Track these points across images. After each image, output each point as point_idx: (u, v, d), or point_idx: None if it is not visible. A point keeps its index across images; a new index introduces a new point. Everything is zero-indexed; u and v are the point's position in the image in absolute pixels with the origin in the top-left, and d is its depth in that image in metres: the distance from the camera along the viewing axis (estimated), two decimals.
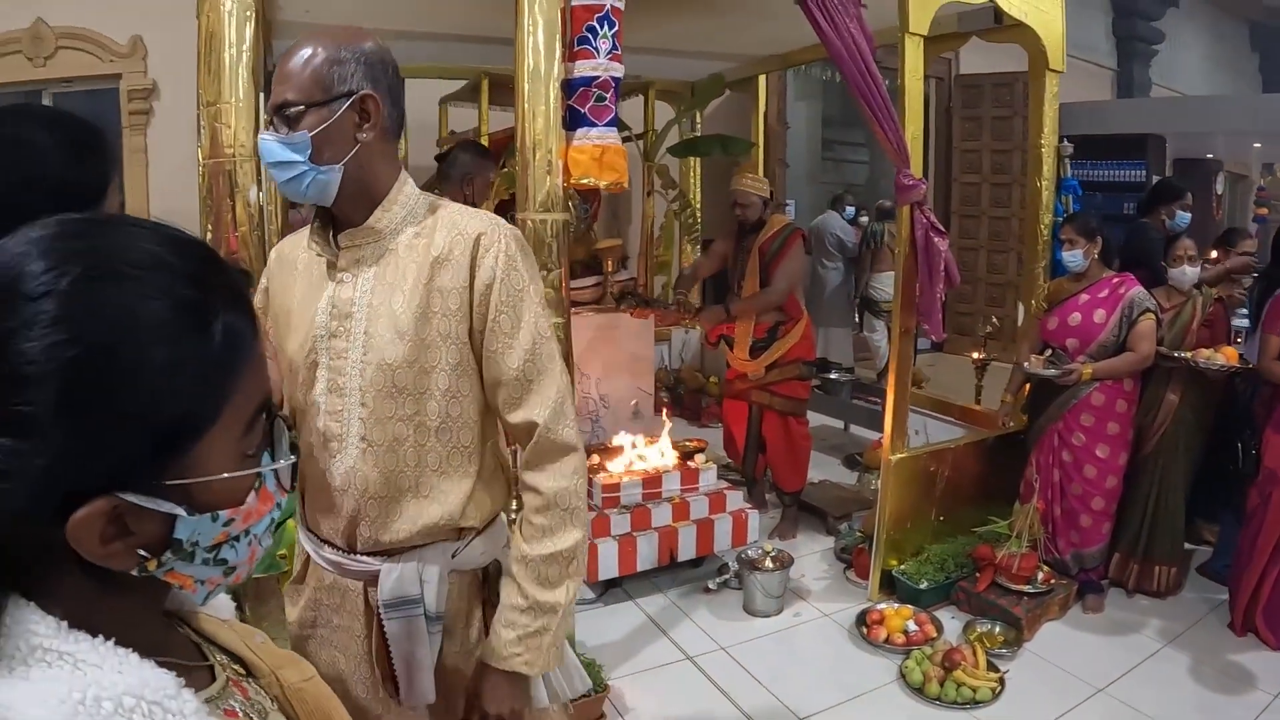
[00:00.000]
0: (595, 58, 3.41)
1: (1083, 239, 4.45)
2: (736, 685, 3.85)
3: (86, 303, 0.70)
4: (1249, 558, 4.22)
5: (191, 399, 0.75)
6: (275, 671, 0.98)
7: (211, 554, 0.81)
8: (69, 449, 0.69)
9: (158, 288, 0.73)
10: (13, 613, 0.73)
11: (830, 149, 11.88)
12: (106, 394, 0.70)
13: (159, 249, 0.77)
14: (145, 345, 0.71)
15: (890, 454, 4.49)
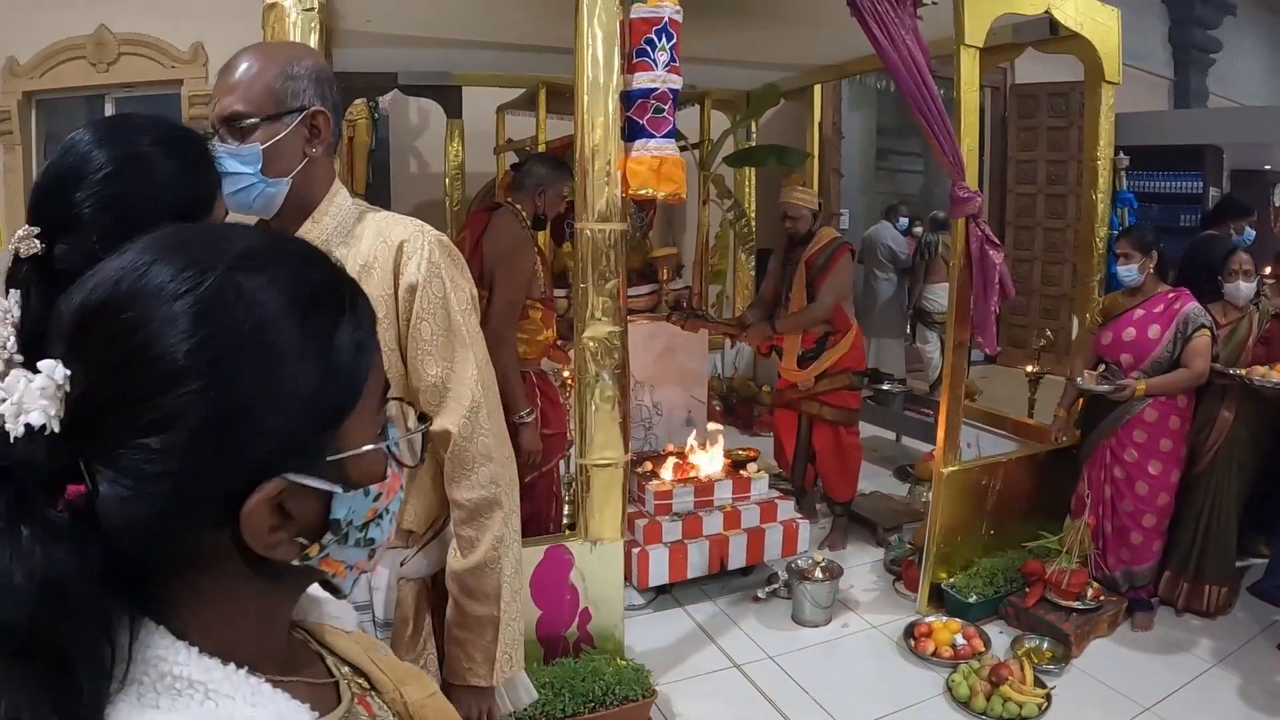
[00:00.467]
0: (654, 70, 3.44)
1: (1138, 253, 4.39)
2: (783, 694, 3.87)
3: (231, 294, 0.71)
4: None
5: (344, 375, 0.77)
6: (399, 687, 0.99)
7: (362, 533, 0.82)
8: (231, 438, 0.70)
9: (295, 275, 0.76)
10: (143, 637, 0.73)
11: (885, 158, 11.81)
12: (261, 381, 0.71)
13: (280, 241, 0.80)
14: (297, 327, 0.73)
15: (942, 467, 4.47)
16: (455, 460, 1.86)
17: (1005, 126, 10.24)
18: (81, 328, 0.70)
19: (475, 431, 1.85)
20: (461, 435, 1.84)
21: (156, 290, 0.69)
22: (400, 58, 5.81)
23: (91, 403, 0.68)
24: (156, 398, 0.67)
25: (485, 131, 6.80)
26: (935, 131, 4.16)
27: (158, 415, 0.67)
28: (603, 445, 3.52)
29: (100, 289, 0.71)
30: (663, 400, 5.49)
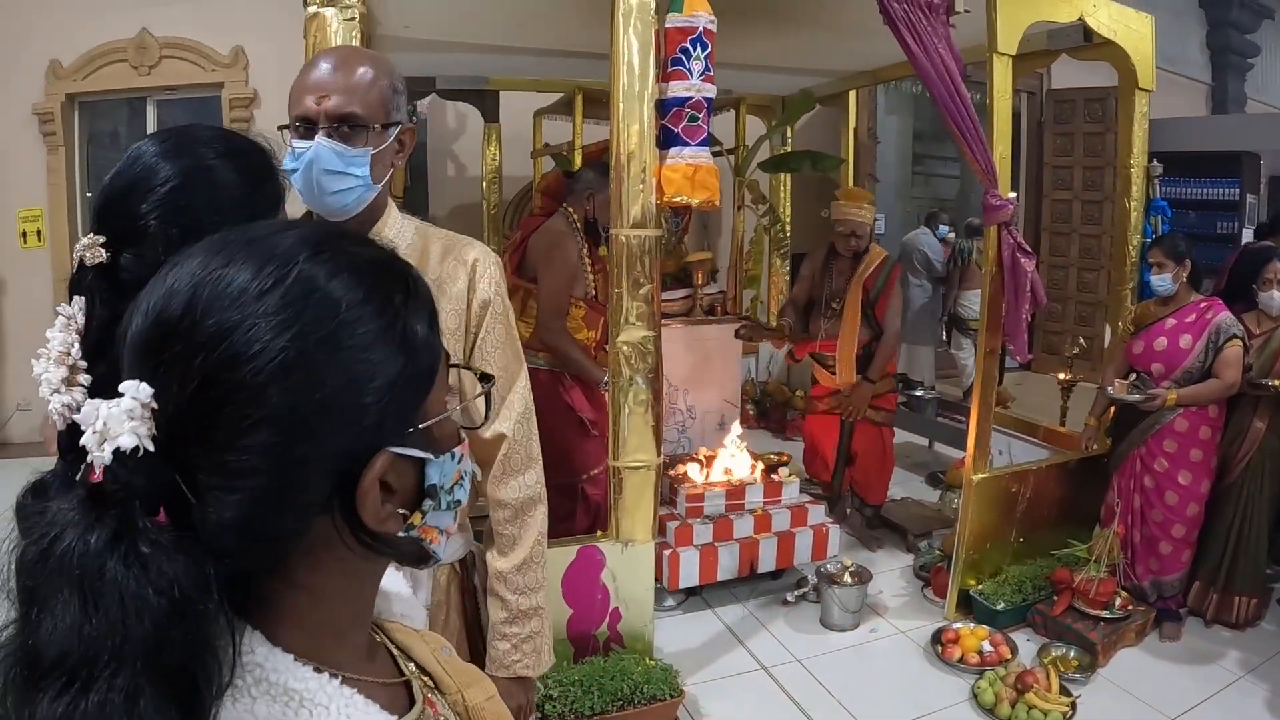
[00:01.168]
0: (688, 79, 3.48)
1: (1171, 262, 4.37)
2: (809, 697, 3.90)
3: (313, 286, 0.73)
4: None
5: (423, 347, 0.80)
6: (462, 690, 1.01)
7: (450, 495, 0.84)
8: (330, 426, 0.72)
9: (362, 260, 0.78)
10: (243, 642, 0.74)
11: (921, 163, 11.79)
12: (354, 367, 0.73)
13: (332, 230, 0.84)
14: (376, 309, 0.75)
15: (972, 474, 4.48)
16: (506, 462, 1.95)
17: (1041, 131, 10.18)
18: (163, 339, 0.71)
19: (528, 436, 1.96)
20: (515, 439, 1.94)
21: (239, 292, 0.71)
22: (438, 62, 5.88)
23: (188, 415, 0.69)
24: (256, 397, 0.69)
25: (522, 136, 6.85)
26: (968, 139, 4.17)
27: (260, 413, 0.69)
28: (635, 448, 3.57)
29: (178, 298, 0.71)
30: (697, 404, 5.53)
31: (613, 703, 3.42)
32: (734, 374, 5.72)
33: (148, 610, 0.64)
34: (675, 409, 5.45)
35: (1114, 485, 4.60)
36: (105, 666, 0.62)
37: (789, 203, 7.22)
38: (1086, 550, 4.45)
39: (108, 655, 0.63)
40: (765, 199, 6.21)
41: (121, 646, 0.63)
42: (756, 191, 6.08)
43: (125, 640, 0.63)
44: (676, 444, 5.48)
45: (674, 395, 5.43)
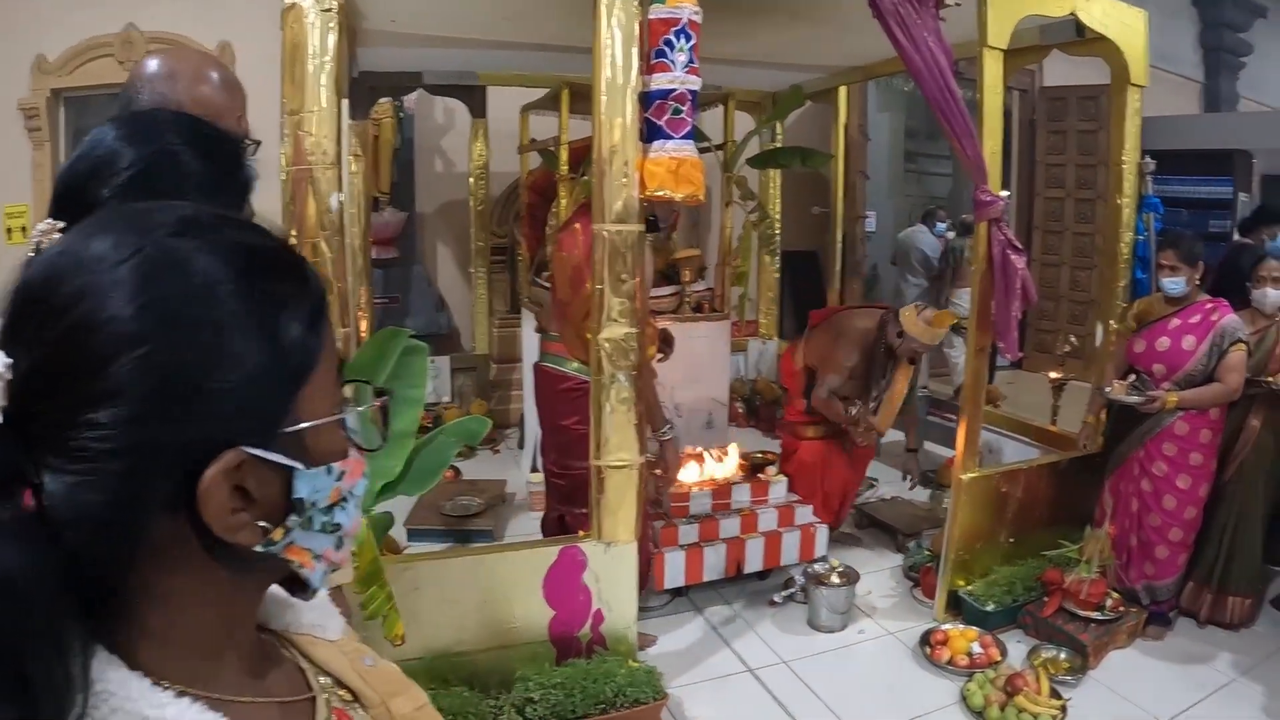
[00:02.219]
0: (672, 70, 3.44)
1: (1185, 266, 4.28)
2: (796, 700, 3.85)
3: (174, 258, 0.69)
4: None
5: (297, 341, 0.74)
6: (386, 701, 0.95)
7: (327, 517, 0.78)
8: (180, 407, 0.67)
9: (239, 241, 0.74)
10: (95, 668, 0.68)
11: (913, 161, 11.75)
12: (210, 346, 0.68)
13: (222, 213, 0.78)
14: (245, 291, 0.71)
15: (962, 473, 4.45)
16: None
17: (1034, 129, 10.15)
18: (21, 308, 0.68)
19: None
20: None
21: (97, 259, 0.67)
22: (425, 57, 5.84)
23: (35, 385, 0.65)
24: (102, 368, 0.65)
25: (509, 131, 6.81)
26: (958, 134, 4.12)
27: (105, 386, 0.65)
28: (618, 446, 3.52)
29: (39, 267, 0.69)
30: (684, 402, 5.48)
31: (595, 706, 3.36)
32: (723, 372, 5.68)
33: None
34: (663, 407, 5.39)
35: (1109, 487, 4.56)
36: None
37: (778, 199, 7.18)
38: (1077, 551, 4.40)
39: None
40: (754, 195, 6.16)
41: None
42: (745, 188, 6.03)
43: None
44: None
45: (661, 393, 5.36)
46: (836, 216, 6.88)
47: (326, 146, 3.14)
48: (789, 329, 8.25)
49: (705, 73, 3.52)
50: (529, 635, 3.55)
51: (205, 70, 1.90)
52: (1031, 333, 9.75)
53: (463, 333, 7.60)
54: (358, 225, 6.06)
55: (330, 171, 3.14)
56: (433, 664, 3.35)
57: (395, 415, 2.90)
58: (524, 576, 3.53)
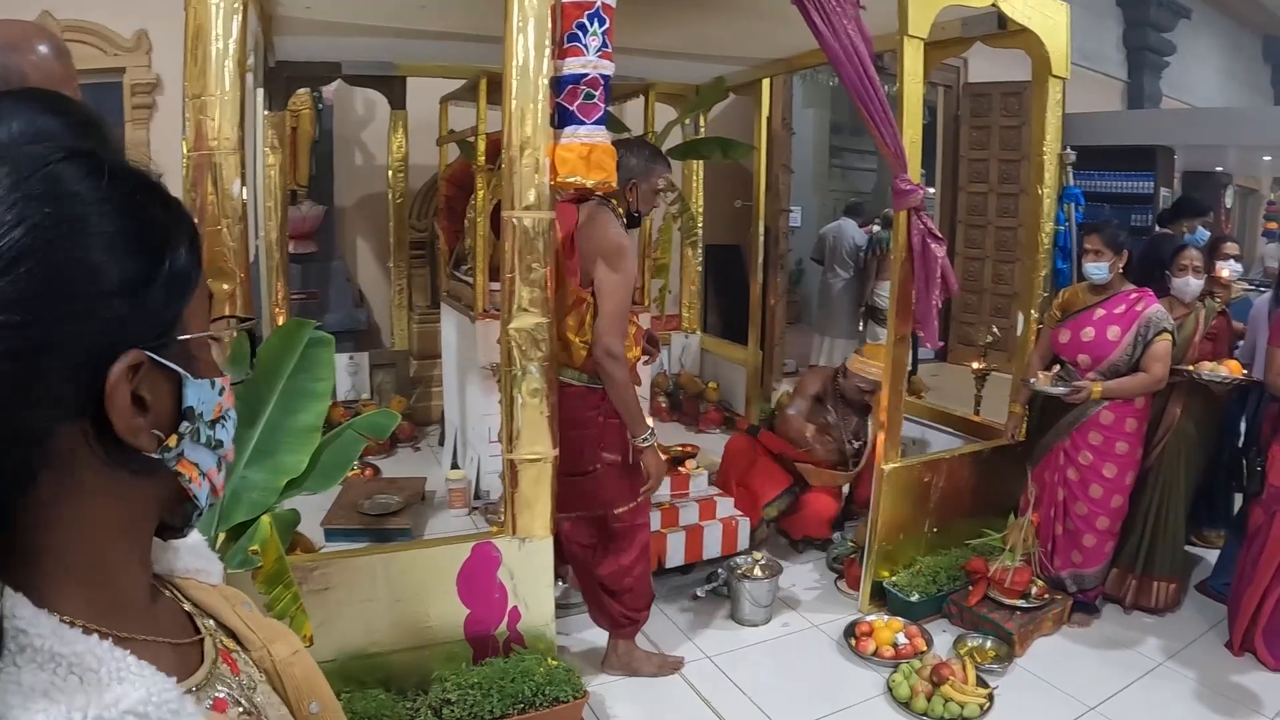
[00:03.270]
0: (585, 55, 3.36)
1: (1110, 251, 4.31)
2: (720, 695, 3.79)
3: (60, 179, 0.72)
4: (1250, 577, 4.15)
5: (182, 263, 0.78)
6: (267, 645, 0.98)
7: (211, 431, 0.82)
8: (75, 305, 0.70)
9: (121, 168, 0.77)
10: (5, 608, 0.69)
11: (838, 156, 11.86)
12: (103, 246, 0.72)
13: (104, 154, 0.78)
14: (134, 199, 0.76)
15: (884, 463, 4.43)
16: None
17: (957, 125, 10.24)
18: None
19: None
20: None
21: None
22: (344, 47, 5.72)
23: None
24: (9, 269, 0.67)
25: (429, 123, 6.67)
26: (878, 123, 4.10)
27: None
28: (530, 440, 3.43)
29: None
30: None
31: (514, 705, 3.27)
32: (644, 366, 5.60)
33: None
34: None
35: (1034, 476, 4.58)
36: None
37: (700, 193, 7.14)
38: (1001, 540, 4.41)
39: None
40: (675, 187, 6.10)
41: None
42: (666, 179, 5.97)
43: None
44: None
45: None
46: (760, 210, 6.85)
47: (229, 132, 3.03)
48: (712, 323, 8.23)
49: (626, 64, 3.46)
50: (445, 635, 3.45)
51: (39, 40, 1.82)
52: (955, 325, 9.86)
53: (382, 329, 7.44)
54: (275, 219, 5.93)
55: (233, 158, 3.03)
56: (346, 665, 3.24)
57: (300, 409, 2.82)
58: (437, 574, 3.42)
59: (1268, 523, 4.10)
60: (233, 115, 3.04)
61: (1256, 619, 4.15)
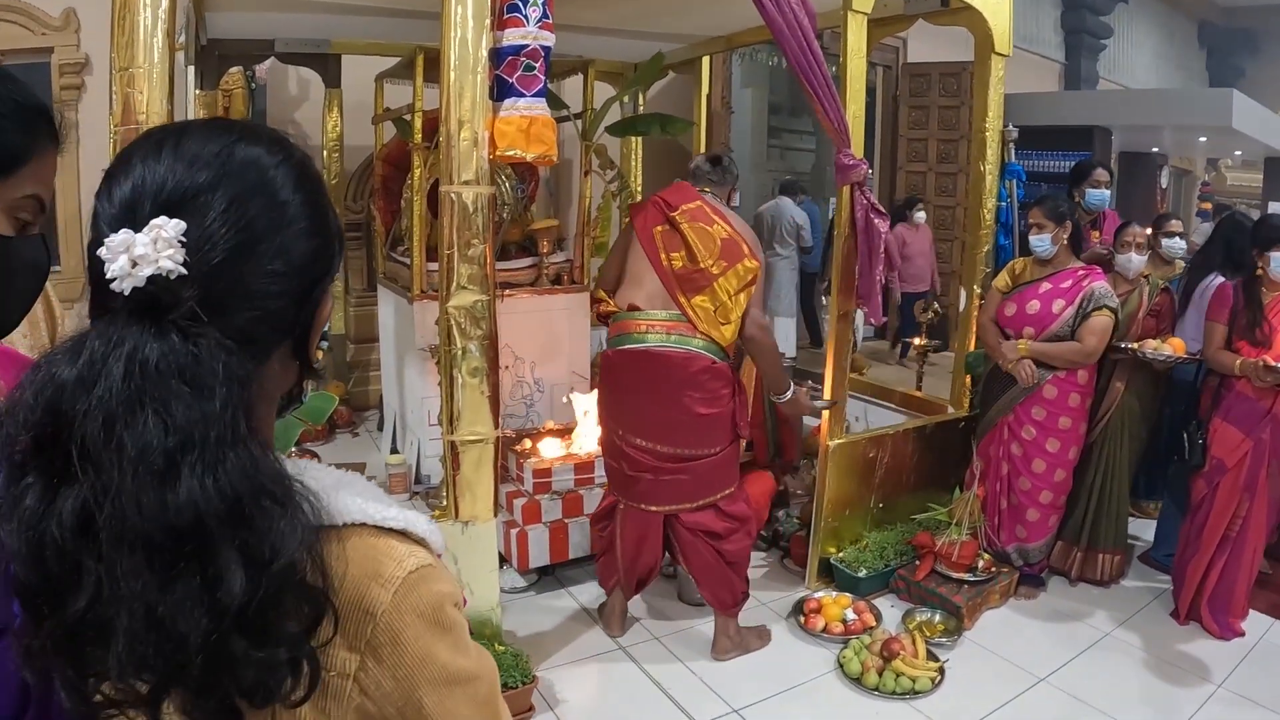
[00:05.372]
0: (524, 26, 3.27)
1: (1051, 223, 4.31)
2: (670, 676, 3.75)
3: (306, 160, 0.98)
4: (1195, 547, 4.20)
5: (336, 224, 1.01)
6: None
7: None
8: (318, 265, 0.94)
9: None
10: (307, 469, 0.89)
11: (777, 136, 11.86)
12: (330, 221, 0.97)
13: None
14: (322, 189, 0.99)
15: (828, 439, 4.41)
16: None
17: (897, 105, 10.26)
18: (192, 195, 0.85)
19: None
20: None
21: (255, 159, 0.90)
22: (277, 24, 5.58)
23: (226, 248, 0.84)
24: (277, 236, 0.89)
25: (364, 102, 6.53)
26: (820, 97, 4.04)
27: (279, 246, 0.88)
28: (471, 420, 3.35)
29: (197, 166, 0.86)
30: (544, 377, 5.34)
31: None
32: (583, 345, 5.56)
33: (234, 389, 0.80)
34: (522, 382, 5.26)
35: (979, 450, 4.59)
36: (220, 443, 0.78)
37: (639, 170, 7.07)
38: (947, 514, 4.42)
39: (220, 429, 0.78)
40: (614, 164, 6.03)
41: (231, 422, 0.79)
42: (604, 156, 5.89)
43: (230, 418, 0.79)
44: (525, 418, 5.28)
45: (521, 368, 5.23)
46: None
47: (158, 106, 2.91)
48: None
49: (565, 42, 3.39)
50: None
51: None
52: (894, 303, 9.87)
53: None
54: None
55: None
56: None
57: None
58: None
59: (1211, 494, 4.15)
60: (161, 88, 2.92)
61: (1202, 589, 4.20)
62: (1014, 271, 4.56)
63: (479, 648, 0.95)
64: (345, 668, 0.83)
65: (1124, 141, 10.96)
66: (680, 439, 3.67)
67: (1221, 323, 4.14)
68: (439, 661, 0.87)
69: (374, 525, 0.87)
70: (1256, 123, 10.70)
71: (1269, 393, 4.02)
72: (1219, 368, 4.14)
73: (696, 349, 3.63)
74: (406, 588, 0.85)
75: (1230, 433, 4.11)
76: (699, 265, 3.62)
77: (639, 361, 3.68)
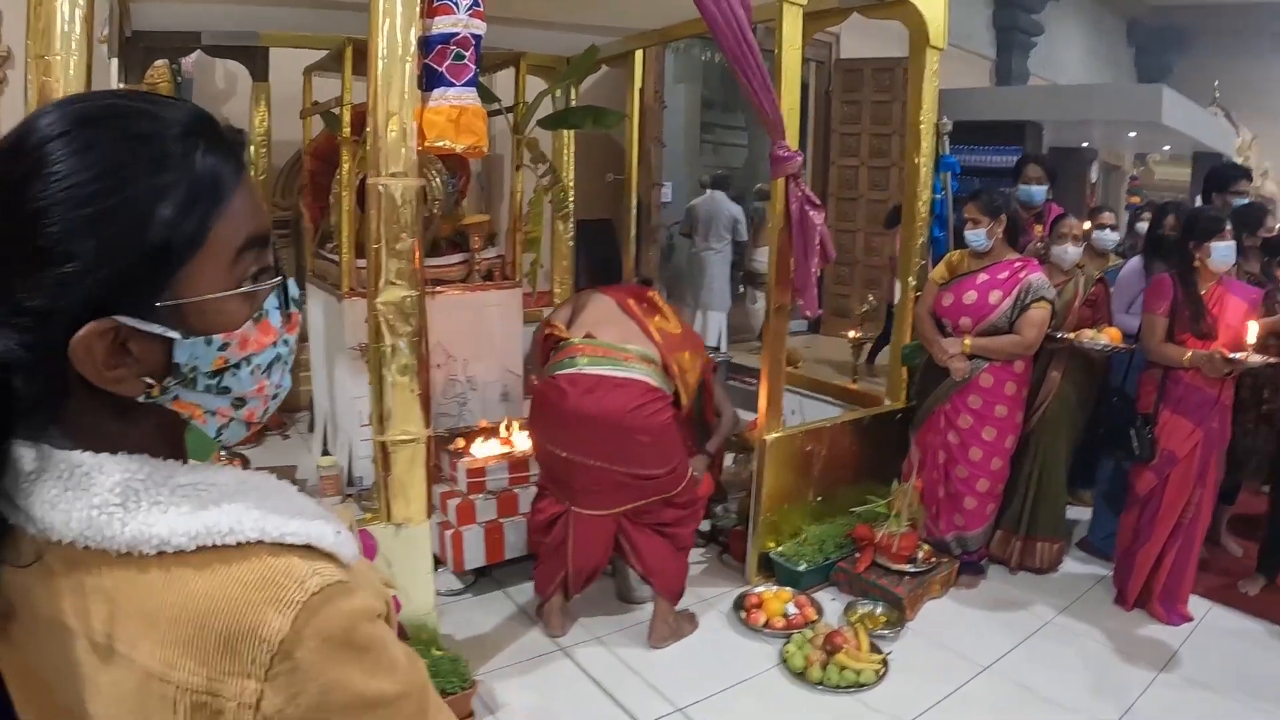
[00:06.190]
0: (455, 13, 3.20)
1: (986, 217, 4.34)
2: (612, 676, 3.69)
3: (78, 142, 0.78)
4: (1146, 537, 4.26)
5: (175, 219, 0.80)
6: None
7: (214, 381, 0.87)
8: (69, 276, 0.77)
9: (142, 126, 0.82)
10: (101, 464, 0.81)
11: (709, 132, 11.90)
12: (98, 223, 0.77)
13: (143, 103, 0.85)
14: (132, 175, 0.79)
15: (765, 434, 4.38)
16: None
17: (829, 100, 10.34)
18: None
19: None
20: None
21: (25, 141, 0.79)
22: (204, 15, 5.40)
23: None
24: (22, 239, 0.77)
25: (293, 96, 6.37)
26: (756, 89, 4.00)
27: (32, 255, 0.77)
28: (402, 420, 3.26)
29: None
30: (477, 374, 5.24)
31: None
32: (516, 342, 5.46)
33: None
34: (455, 380, 5.16)
35: (917, 441, 4.61)
36: None
37: (572, 164, 7.01)
38: (886, 506, 4.42)
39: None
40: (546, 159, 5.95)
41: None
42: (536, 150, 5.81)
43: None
44: (458, 417, 5.18)
45: (453, 366, 5.14)
46: (632, 184, 6.83)
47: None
48: None
49: (497, 34, 3.30)
50: None
51: None
52: (827, 297, 9.93)
53: None
54: None
55: None
56: None
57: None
58: None
59: (1161, 485, 4.21)
60: (80, 78, 2.79)
61: (1154, 578, 4.26)
62: (951, 263, 4.58)
63: (410, 656, 0.89)
64: (247, 697, 0.76)
65: (1055, 136, 11.11)
66: (632, 460, 3.72)
67: (1161, 314, 4.17)
68: (351, 688, 0.80)
69: (271, 543, 0.82)
70: (1185, 118, 10.90)
71: (1216, 382, 4.08)
72: (1164, 361, 4.17)
73: (639, 375, 3.73)
74: (308, 611, 0.78)
75: (1181, 424, 4.16)
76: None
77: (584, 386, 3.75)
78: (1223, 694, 3.71)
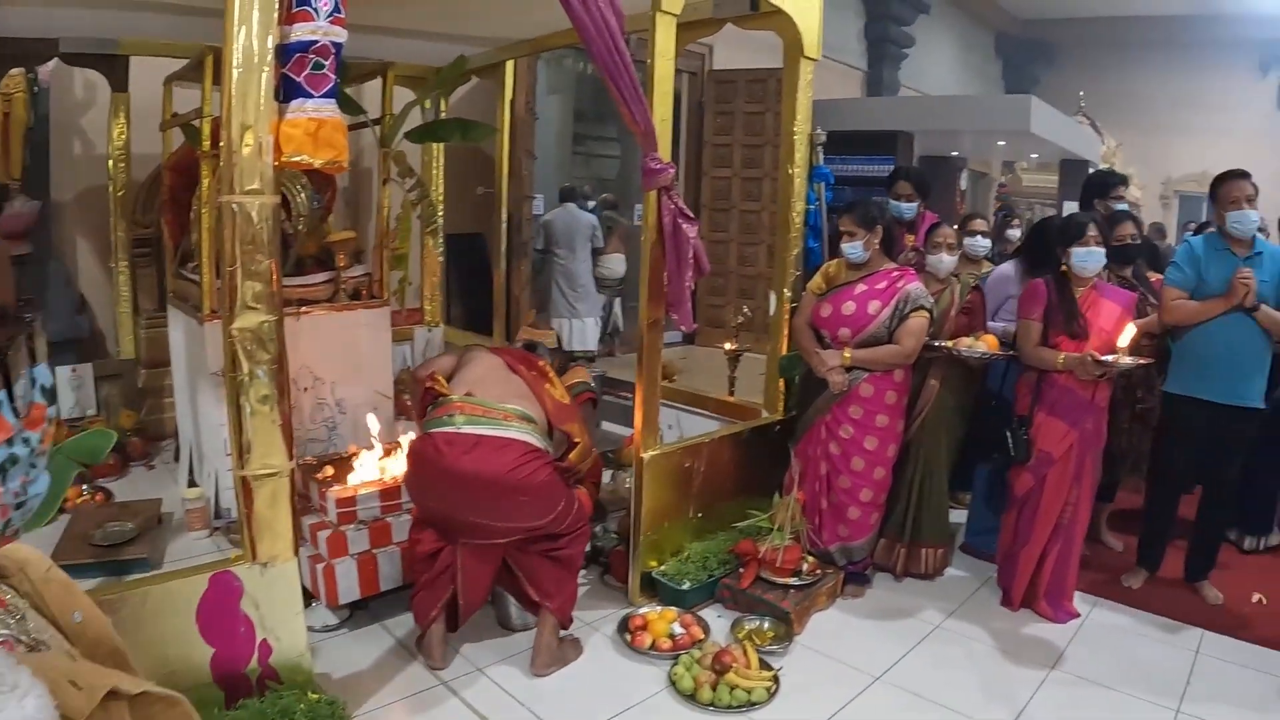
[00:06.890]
0: (315, 20, 3.01)
1: (862, 229, 4.34)
2: (496, 708, 3.56)
3: None
4: (1027, 538, 4.34)
5: None
6: (21, 567, 1.09)
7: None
8: None
9: None
10: None
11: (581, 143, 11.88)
12: None
13: None
14: None
15: (643, 451, 4.31)
16: None
17: (702, 111, 10.37)
18: None
19: None
20: None
21: None
22: (62, 21, 5.19)
23: None
24: None
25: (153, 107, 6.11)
26: (627, 100, 3.93)
27: None
28: (264, 453, 3.09)
29: None
30: (346, 398, 5.04)
31: None
32: (385, 363, 5.29)
33: None
34: (323, 404, 4.96)
35: (797, 452, 4.59)
36: None
37: (441, 178, 6.90)
38: (769, 519, 4.41)
39: None
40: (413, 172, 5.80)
41: None
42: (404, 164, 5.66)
43: None
44: (327, 442, 4.99)
45: (321, 389, 4.94)
46: (503, 197, 6.78)
47: None
48: (455, 315, 7.98)
49: (364, 44, 3.15)
50: (190, 678, 3.01)
51: None
52: (701, 308, 9.95)
53: (107, 336, 6.75)
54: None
55: None
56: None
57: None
58: (172, 612, 3.02)
59: (1039, 486, 4.29)
60: None
61: (1037, 578, 4.35)
62: (828, 274, 4.57)
63: None
64: None
65: (925, 145, 11.35)
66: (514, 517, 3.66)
67: (1035, 319, 4.25)
68: None
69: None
70: (1053, 127, 11.23)
71: (1090, 384, 4.17)
72: (1039, 364, 4.24)
73: (518, 434, 3.66)
74: None
75: (1056, 425, 4.23)
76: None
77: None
78: (1112, 688, 3.78)
